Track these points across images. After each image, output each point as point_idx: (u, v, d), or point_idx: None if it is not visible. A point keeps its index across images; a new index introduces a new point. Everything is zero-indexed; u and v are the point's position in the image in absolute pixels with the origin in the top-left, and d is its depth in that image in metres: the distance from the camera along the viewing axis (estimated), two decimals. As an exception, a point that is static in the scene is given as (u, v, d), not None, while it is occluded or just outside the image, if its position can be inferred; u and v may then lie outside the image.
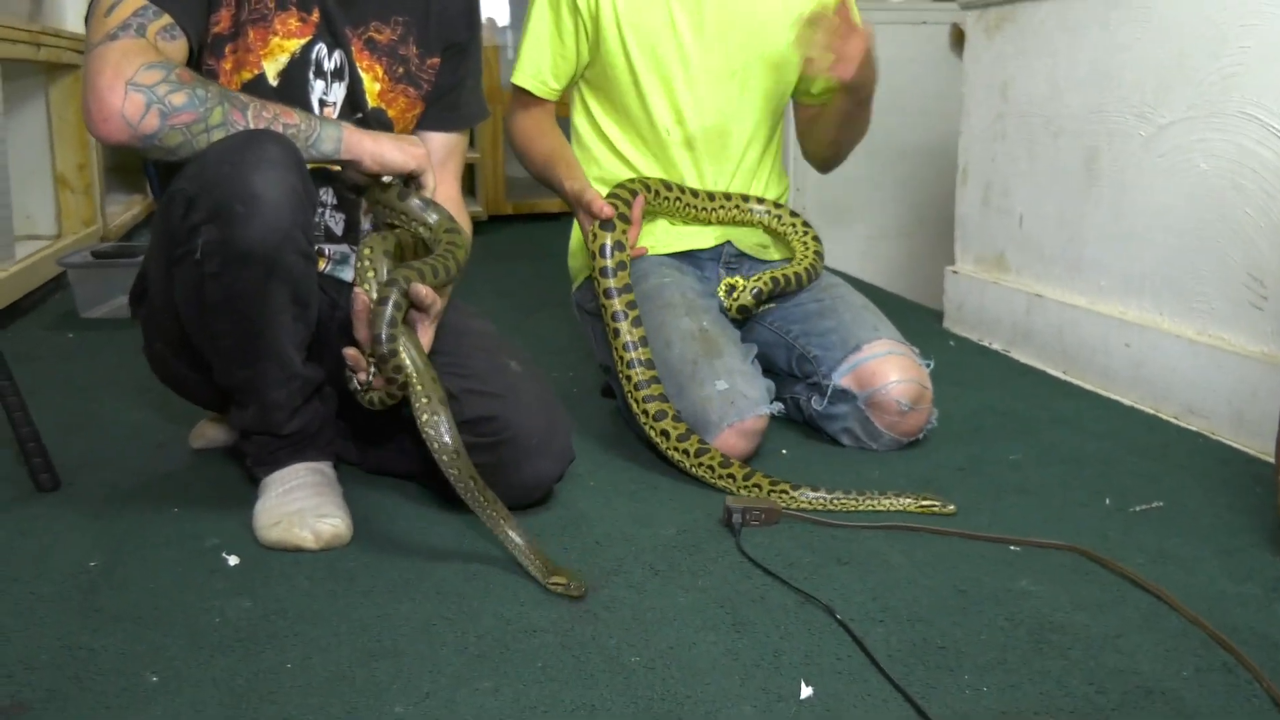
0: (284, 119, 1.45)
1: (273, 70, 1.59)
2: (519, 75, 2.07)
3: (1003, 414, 2.14)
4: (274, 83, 1.59)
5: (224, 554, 1.47)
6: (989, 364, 2.57)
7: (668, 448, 1.79)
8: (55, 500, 1.66)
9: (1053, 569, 1.46)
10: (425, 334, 1.50)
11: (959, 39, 3.22)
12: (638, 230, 1.93)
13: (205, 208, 1.37)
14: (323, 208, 1.67)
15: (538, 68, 2.05)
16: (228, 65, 1.57)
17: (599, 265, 1.88)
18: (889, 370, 1.89)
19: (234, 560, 1.45)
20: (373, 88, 1.68)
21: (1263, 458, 1.86)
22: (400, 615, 1.32)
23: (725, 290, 2.02)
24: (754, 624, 1.30)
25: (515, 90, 2.10)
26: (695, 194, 2.04)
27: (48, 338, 2.76)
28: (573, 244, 2.16)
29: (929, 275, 3.19)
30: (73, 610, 1.32)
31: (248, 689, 1.16)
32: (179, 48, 1.48)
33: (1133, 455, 1.91)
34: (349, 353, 1.45)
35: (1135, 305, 2.26)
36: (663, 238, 2.07)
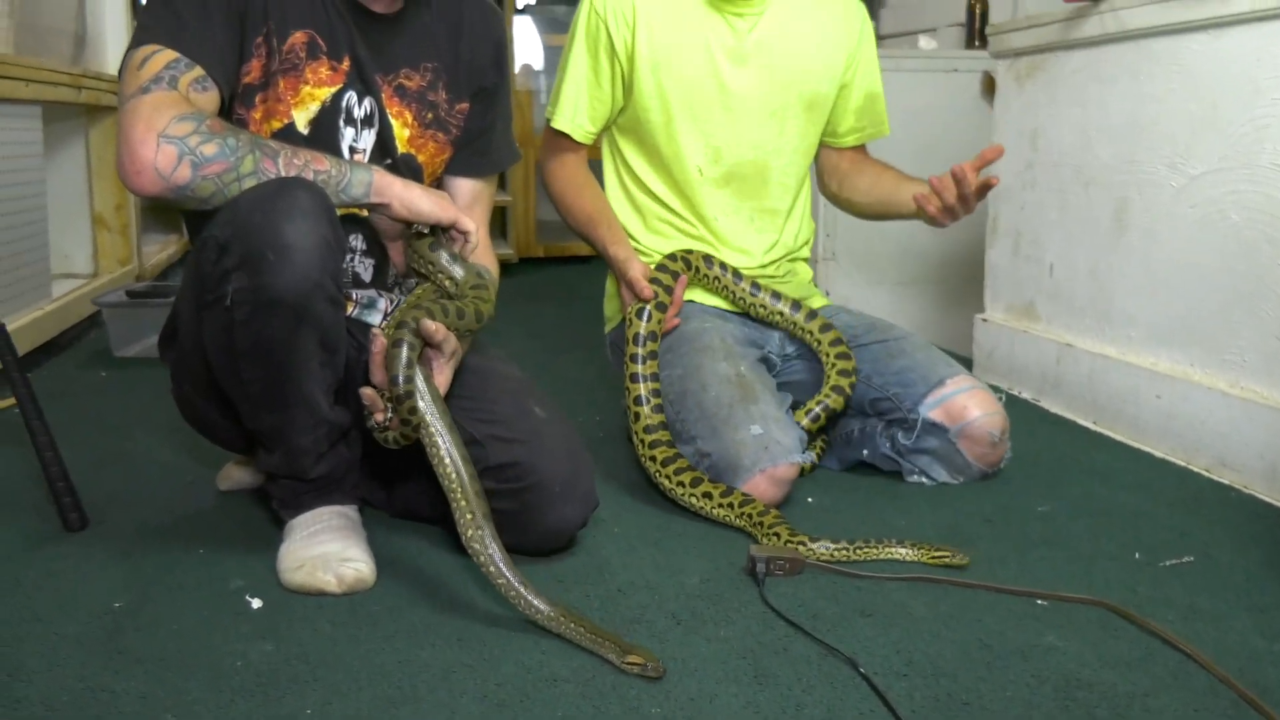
0: (314, 165, 1.46)
1: (303, 119, 1.61)
2: (557, 119, 2.08)
3: (1031, 464, 2.12)
4: (304, 131, 1.61)
5: (248, 596, 1.47)
6: (1018, 413, 2.54)
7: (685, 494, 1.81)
8: (83, 539, 1.67)
9: (1080, 624, 1.44)
10: (442, 373, 1.50)
11: (990, 87, 3.23)
12: (677, 309, 1.98)
13: (237, 255, 1.38)
14: (351, 253, 1.69)
15: (575, 111, 2.07)
16: (257, 115, 1.59)
17: (630, 345, 1.94)
18: (975, 404, 1.94)
19: (257, 603, 1.46)
20: (402, 134, 1.69)
21: (1296, 513, 1.84)
22: (421, 661, 1.32)
23: None
24: (776, 676, 1.29)
25: (550, 132, 2.11)
26: (738, 277, 2.06)
27: (82, 375, 2.80)
28: (609, 287, 2.18)
29: (958, 323, 3.18)
30: (96, 651, 1.32)
31: (267, 734, 1.16)
32: (211, 99, 1.50)
33: (1163, 508, 1.89)
34: (365, 392, 1.46)
35: (1166, 356, 2.24)
36: (701, 294, 2.10)
